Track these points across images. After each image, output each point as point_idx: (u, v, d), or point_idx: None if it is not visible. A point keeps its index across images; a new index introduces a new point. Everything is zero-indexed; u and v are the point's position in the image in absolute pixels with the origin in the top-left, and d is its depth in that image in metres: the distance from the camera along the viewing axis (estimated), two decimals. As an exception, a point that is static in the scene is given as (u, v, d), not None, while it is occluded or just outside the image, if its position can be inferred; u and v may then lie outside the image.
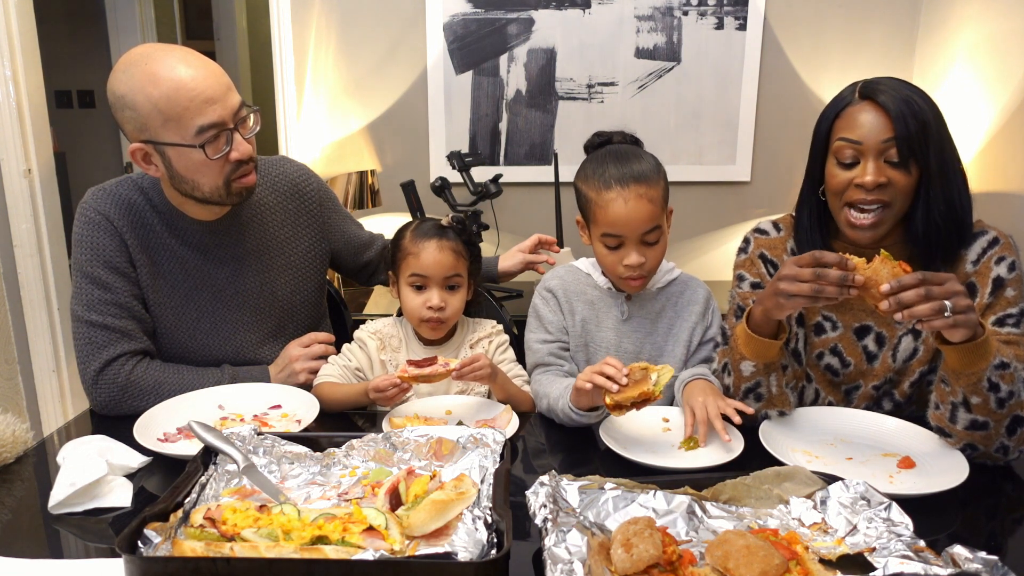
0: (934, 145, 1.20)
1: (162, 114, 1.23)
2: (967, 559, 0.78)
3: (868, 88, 1.23)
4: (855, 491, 0.93)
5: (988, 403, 1.11)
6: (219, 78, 1.27)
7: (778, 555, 0.83)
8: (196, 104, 1.23)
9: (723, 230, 2.79)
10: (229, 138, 1.28)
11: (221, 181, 1.32)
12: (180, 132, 1.24)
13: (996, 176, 1.18)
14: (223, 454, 1.02)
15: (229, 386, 1.41)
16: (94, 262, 1.39)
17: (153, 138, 1.26)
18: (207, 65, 1.27)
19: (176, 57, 1.25)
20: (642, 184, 1.34)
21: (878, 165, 1.21)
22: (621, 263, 1.38)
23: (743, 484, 0.99)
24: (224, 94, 1.26)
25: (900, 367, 1.34)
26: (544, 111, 2.69)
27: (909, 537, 0.84)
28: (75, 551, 0.97)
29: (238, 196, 1.37)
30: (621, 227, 1.35)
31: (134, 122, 1.26)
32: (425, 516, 0.88)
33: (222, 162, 1.29)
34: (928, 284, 1.03)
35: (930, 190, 1.21)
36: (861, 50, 2.62)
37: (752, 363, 1.25)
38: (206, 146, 1.26)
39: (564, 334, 1.50)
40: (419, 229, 1.46)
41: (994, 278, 1.25)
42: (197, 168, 1.29)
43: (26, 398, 2.40)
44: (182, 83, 1.22)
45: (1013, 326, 1.23)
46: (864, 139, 1.21)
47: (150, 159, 1.31)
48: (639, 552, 0.81)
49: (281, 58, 2.60)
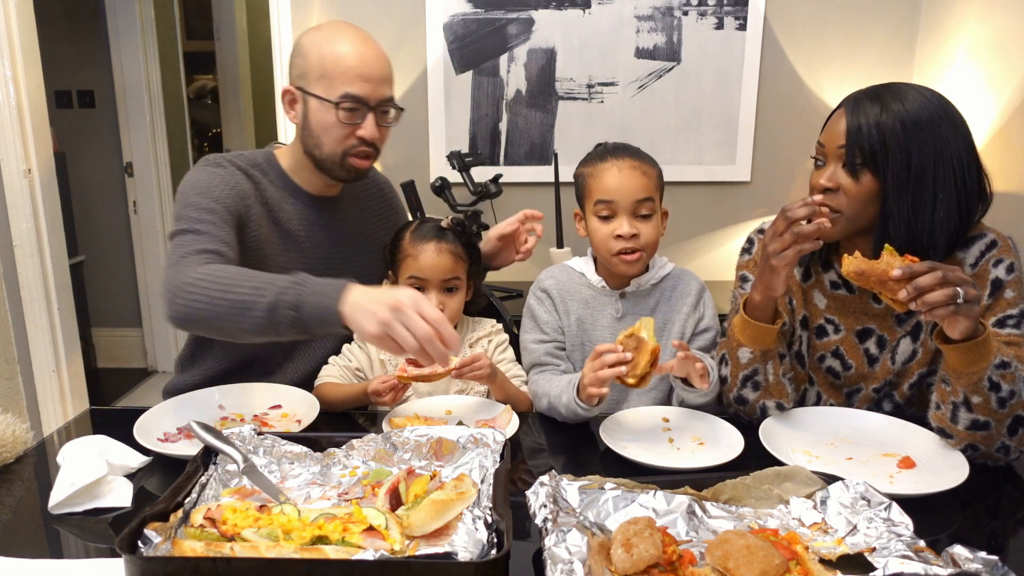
0: (896, 157, 1.19)
1: (322, 69, 1.37)
2: (967, 559, 0.78)
3: (847, 99, 1.26)
4: (855, 491, 0.93)
5: (989, 403, 1.11)
6: (382, 68, 1.41)
7: (778, 555, 0.83)
8: (351, 75, 1.36)
9: (723, 230, 2.79)
10: (363, 116, 1.39)
11: (340, 150, 1.41)
12: (327, 89, 1.37)
13: (996, 176, 1.18)
14: (223, 454, 1.02)
15: (229, 386, 1.41)
16: (207, 195, 1.35)
17: (305, 86, 1.40)
18: (379, 55, 1.41)
19: (359, 36, 1.40)
20: (636, 159, 1.41)
21: (834, 169, 1.25)
22: (613, 235, 1.39)
23: (743, 484, 0.99)
24: (379, 81, 1.39)
25: (899, 369, 1.34)
26: (544, 111, 2.69)
27: (909, 537, 0.84)
28: (75, 551, 0.97)
29: (347, 173, 1.44)
30: (613, 192, 1.39)
31: (299, 67, 1.41)
32: (425, 516, 0.88)
33: (348, 132, 1.39)
34: (939, 269, 1.04)
35: (887, 203, 1.22)
36: (861, 50, 2.62)
37: (749, 350, 1.26)
38: (340, 109, 1.37)
39: (560, 334, 1.50)
40: (418, 231, 1.46)
41: (993, 280, 1.25)
42: (326, 127, 1.39)
43: (26, 398, 2.40)
44: (350, 54, 1.37)
45: (1013, 327, 1.22)
46: (827, 143, 1.27)
47: (294, 104, 1.44)
48: (639, 552, 0.81)
49: (281, 58, 2.60)
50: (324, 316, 1.08)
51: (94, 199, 3.78)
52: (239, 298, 1.11)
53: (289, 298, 1.08)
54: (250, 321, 1.11)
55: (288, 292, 1.09)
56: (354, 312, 1.05)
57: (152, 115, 3.67)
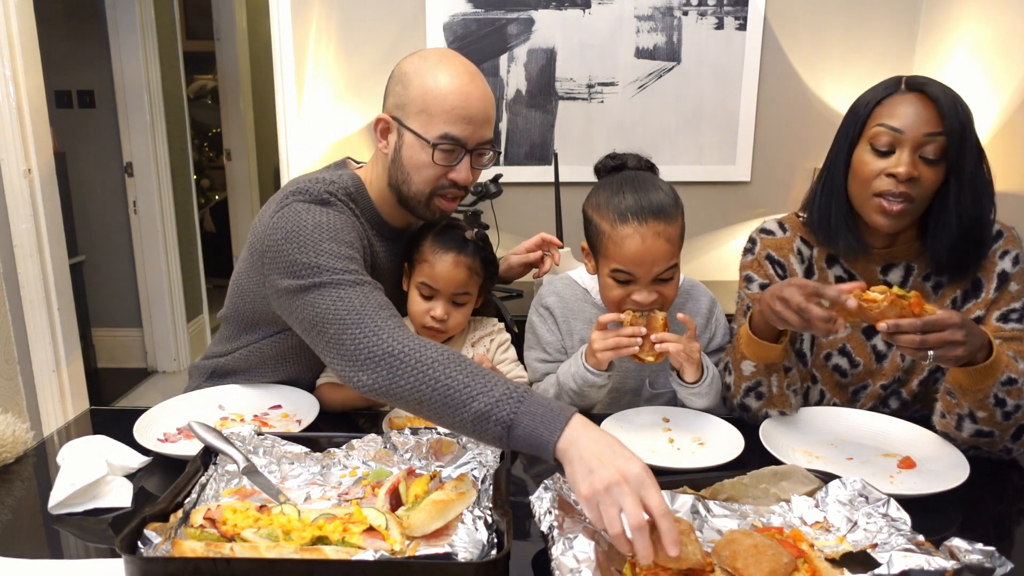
0: (970, 149, 1.18)
1: (423, 103, 1.27)
2: (966, 551, 0.78)
3: (916, 81, 1.21)
4: (852, 488, 0.93)
5: (994, 416, 1.11)
6: (486, 108, 1.30)
7: (787, 554, 0.83)
8: (453, 115, 1.26)
9: (723, 230, 2.79)
10: (459, 158, 1.30)
11: (428, 190, 1.32)
12: (425, 126, 1.28)
13: (997, 175, 1.19)
14: (223, 454, 1.02)
15: (229, 386, 1.41)
16: (340, 240, 1.22)
17: (402, 119, 1.30)
18: (485, 94, 1.30)
19: (466, 72, 1.29)
20: (661, 220, 1.25)
21: (913, 158, 1.18)
22: (630, 298, 1.29)
23: (741, 484, 0.99)
24: (481, 123, 1.30)
25: (909, 365, 1.33)
26: (544, 111, 2.69)
27: (909, 532, 0.85)
28: (75, 551, 0.97)
29: (431, 213, 1.36)
30: (635, 266, 1.26)
31: (398, 97, 1.31)
32: (425, 516, 0.88)
33: (440, 173, 1.30)
34: (927, 332, 1.01)
35: (961, 195, 1.19)
36: (861, 50, 2.62)
37: (753, 363, 1.25)
38: (437, 150, 1.28)
39: (562, 354, 1.47)
40: (441, 237, 1.41)
41: (999, 273, 1.24)
42: (418, 165, 1.30)
43: (26, 398, 2.40)
44: (454, 92, 1.26)
45: (1016, 322, 1.22)
46: (906, 128, 1.18)
47: (387, 133, 1.34)
48: (687, 552, 0.80)
49: (281, 58, 2.60)
50: (535, 446, 0.93)
51: (94, 199, 3.77)
52: (449, 392, 0.98)
53: (503, 414, 0.94)
54: (451, 420, 0.98)
55: (503, 406, 0.94)
56: (571, 460, 0.89)
57: (152, 115, 3.66)
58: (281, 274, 1.20)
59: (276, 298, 1.23)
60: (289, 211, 1.24)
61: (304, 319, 1.15)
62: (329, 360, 1.11)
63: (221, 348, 1.46)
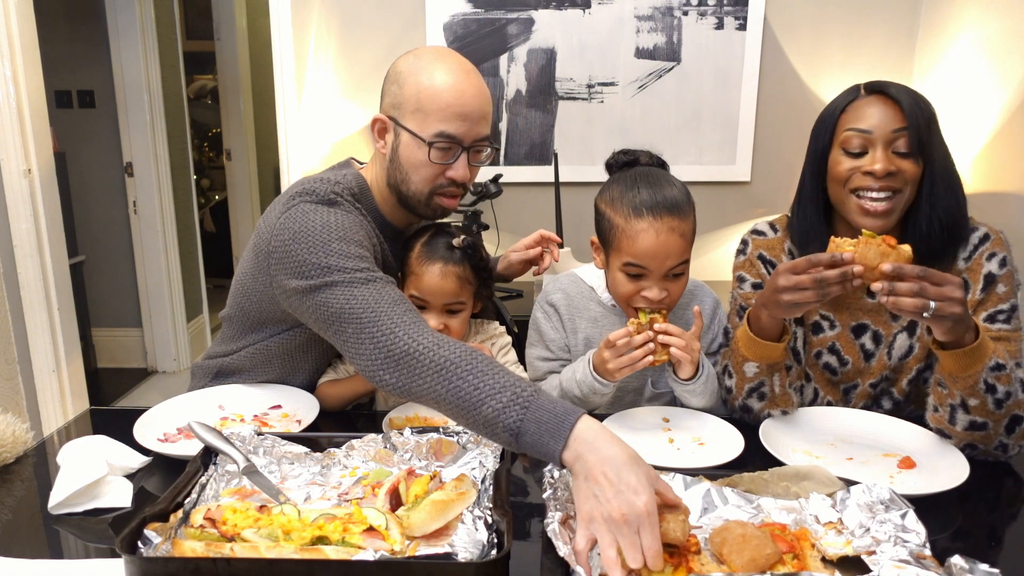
0: (937, 143, 1.23)
1: (417, 102, 1.27)
2: (963, 570, 0.77)
3: (875, 84, 1.26)
4: (876, 495, 0.92)
5: (986, 404, 1.11)
6: (482, 105, 1.30)
7: (771, 546, 0.85)
8: (449, 113, 1.26)
9: (723, 230, 2.79)
10: (456, 156, 1.30)
11: (427, 189, 1.32)
12: (421, 125, 1.28)
13: (996, 176, 1.18)
14: (223, 454, 1.02)
15: (229, 386, 1.41)
16: (350, 240, 1.22)
17: (398, 118, 1.30)
18: (480, 91, 1.30)
19: (460, 69, 1.29)
20: (675, 216, 1.26)
21: (887, 154, 1.22)
22: (640, 294, 1.30)
23: (760, 479, 1.00)
24: (477, 119, 1.29)
25: (896, 365, 1.34)
26: (544, 111, 2.69)
27: (916, 545, 0.83)
28: (75, 551, 0.97)
29: (432, 212, 1.36)
30: (648, 260, 1.27)
31: (393, 97, 1.31)
32: (425, 516, 0.88)
33: (438, 172, 1.30)
34: (926, 280, 1.03)
35: (934, 187, 1.23)
36: (861, 50, 2.62)
37: (755, 364, 1.25)
38: (433, 148, 1.28)
39: (565, 352, 1.47)
40: (428, 246, 1.38)
41: (985, 274, 1.26)
42: (416, 164, 1.30)
43: (26, 398, 2.40)
44: (449, 89, 1.26)
45: (1004, 322, 1.24)
46: (874, 128, 1.22)
47: (384, 133, 1.34)
48: (665, 527, 0.84)
49: (281, 58, 2.60)
50: (543, 454, 0.93)
51: (94, 199, 3.77)
52: (461, 395, 0.98)
53: (510, 421, 0.93)
54: (466, 422, 1.00)
55: (509, 412, 0.94)
56: (576, 475, 0.89)
57: (152, 115, 3.67)
58: (290, 275, 1.20)
59: (286, 298, 1.23)
60: (296, 212, 1.23)
61: (320, 318, 1.16)
62: (351, 358, 1.12)
63: (225, 348, 1.45)
